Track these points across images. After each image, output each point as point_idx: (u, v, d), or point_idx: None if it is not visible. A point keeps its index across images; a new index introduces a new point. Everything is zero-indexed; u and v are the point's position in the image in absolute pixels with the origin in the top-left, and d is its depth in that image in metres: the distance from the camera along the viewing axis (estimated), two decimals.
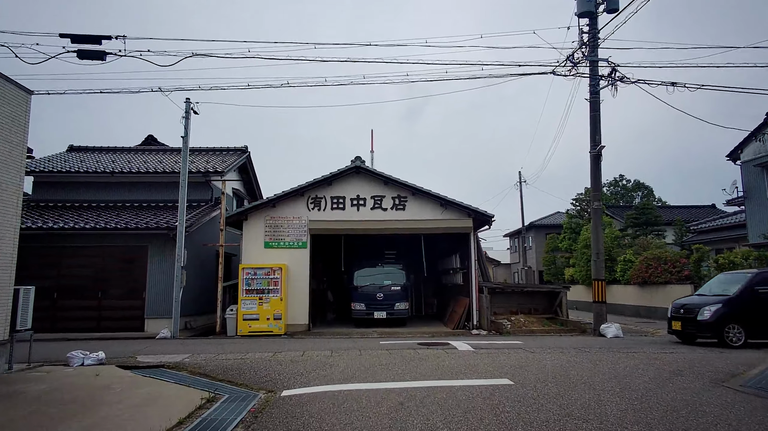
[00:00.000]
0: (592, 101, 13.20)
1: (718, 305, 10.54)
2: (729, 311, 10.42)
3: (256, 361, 8.57)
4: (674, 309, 11.45)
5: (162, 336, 12.96)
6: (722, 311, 10.42)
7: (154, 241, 14.42)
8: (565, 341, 11.55)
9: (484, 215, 14.78)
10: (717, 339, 10.39)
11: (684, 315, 11.02)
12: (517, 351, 9.54)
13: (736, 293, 10.63)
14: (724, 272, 12.42)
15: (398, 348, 10.05)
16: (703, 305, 10.67)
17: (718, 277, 12.06)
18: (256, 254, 14.71)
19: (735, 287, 10.75)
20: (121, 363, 8.48)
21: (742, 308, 10.41)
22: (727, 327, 10.31)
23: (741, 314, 10.38)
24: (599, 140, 13.13)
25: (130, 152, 20.31)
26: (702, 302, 10.88)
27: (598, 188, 13.09)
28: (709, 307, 10.55)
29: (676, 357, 8.64)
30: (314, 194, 15.08)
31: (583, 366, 7.73)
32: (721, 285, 11.27)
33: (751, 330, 10.36)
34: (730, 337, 10.28)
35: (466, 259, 15.36)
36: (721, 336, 10.29)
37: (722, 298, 10.80)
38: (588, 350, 9.63)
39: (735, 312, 10.40)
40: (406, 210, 15.03)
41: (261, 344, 11.33)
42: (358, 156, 15.03)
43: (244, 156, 20.27)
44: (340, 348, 10.21)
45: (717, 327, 10.33)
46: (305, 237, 14.88)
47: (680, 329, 11.13)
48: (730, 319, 10.34)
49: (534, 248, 42.11)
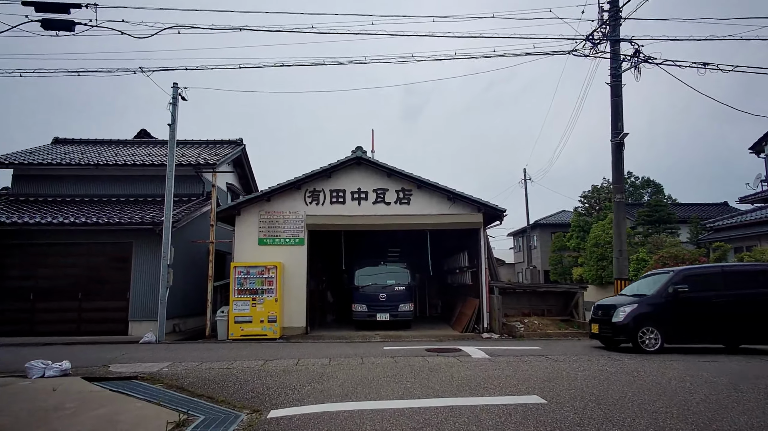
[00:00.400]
0: (614, 85, 12.15)
1: (633, 306, 9.51)
2: (644, 313, 9.38)
3: (244, 371, 7.51)
4: (594, 310, 10.43)
5: (146, 340, 11.91)
6: (637, 313, 9.40)
7: (140, 237, 13.36)
8: (586, 346, 10.48)
9: (495, 209, 13.71)
10: (632, 344, 9.37)
11: (601, 317, 10.00)
12: (538, 358, 8.48)
13: (653, 294, 9.59)
14: (654, 271, 11.33)
15: (404, 355, 9.00)
16: (619, 306, 9.66)
17: (647, 276, 10.98)
18: (249, 251, 13.66)
19: (657, 287, 9.76)
20: (90, 373, 7.43)
21: (659, 310, 9.38)
22: (642, 331, 9.27)
23: (658, 316, 9.35)
24: (621, 127, 12.07)
25: (119, 144, 19.25)
26: (620, 302, 9.85)
27: (620, 180, 12.03)
28: (624, 308, 9.52)
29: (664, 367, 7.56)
30: (312, 187, 14.02)
31: (621, 378, 6.67)
32: (648, 285, 10.17)
33: (668, 334, 9.33)
34: (645, 341, 9.24)
35: (475, 257, 14.29)
36: (635, 340, 9.26)
37: (638, 298, 9.77)
38: (618, 358, 8.57)
39: (651, 314, 9.38)
40: (411, 204, 13.97)
41: (252, 349, 10.28)
42: (359, 146, 13.97)
43: (239, 149, 19.21)
44: (340, 354, 9.16)
45: (631, 331, 9.29)
46: (302, 233, 13.83)
47: (597, 332, 10.12)
48: (646, 322, 9.31)
49: (539, 247, 41.09)
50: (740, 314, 9.38)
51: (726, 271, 9.91)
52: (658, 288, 9.63)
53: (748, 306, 9.40)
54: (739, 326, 9.40)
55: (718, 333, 9.48)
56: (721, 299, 9.41)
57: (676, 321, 9.33)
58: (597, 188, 35.35)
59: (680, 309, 9.35)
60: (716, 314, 9.34)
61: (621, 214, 12.04)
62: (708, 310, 9.35)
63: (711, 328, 9.40)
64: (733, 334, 9.49)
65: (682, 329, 9.36)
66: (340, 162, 13.83)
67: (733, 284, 9.55)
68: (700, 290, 9.52)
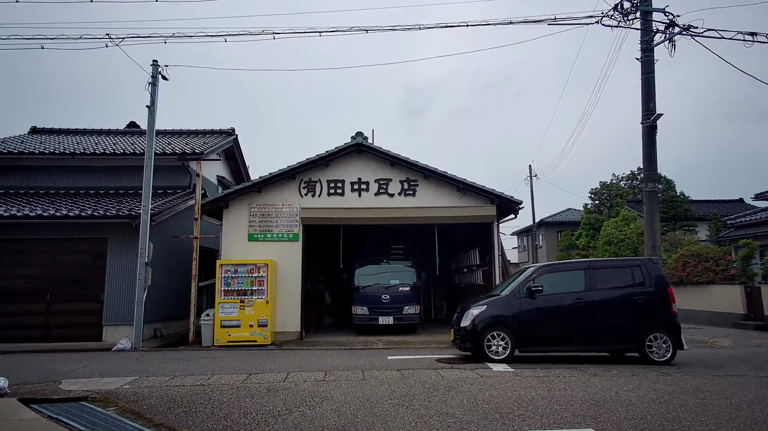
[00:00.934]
0: (645, 60, 10.82)
1: (482, 307, 8.28)
2: (494, 316, 8.20)
3: (220, 389, 6.19)
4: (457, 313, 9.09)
5: (119, 347, 10.59)
6: (485, 316, 8.17)
7: (116, 233, 12.04)
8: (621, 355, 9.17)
9: (510, 201, 12.39)
10: (478, 351, 8.12)
11: (456, 320, 8.74)
12: (571, 371, 7.17)
13: (507, 294, 8.39)
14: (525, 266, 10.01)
15: (413, 367, 7.68)
16: (471, 308, 8.45)
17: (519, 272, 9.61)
18: (238, 248, 12.36)
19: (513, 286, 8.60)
20: (31, 393, 6.11)
21: (511, 312, 8.15)
22: (491, 335, 8.01)
23: (509, 318, 8.12)
24: (654, 108, 10.74)
25: (101, 134, 17.93)
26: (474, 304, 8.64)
27: (652, 167, 10.70)
28: (473, 310, 8.29)
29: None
30: (308, 177, 12.70)
31: (686, 401, 5.35)
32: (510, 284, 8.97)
33: (521, 340, 8.08)
34: (492, 348, 8.00)
35: (487, 254, 12.98)
36: (481, 346, 8.03)
37: (490, 299, 8.61)
38: (667, 371, 7.25)
39: (502, 317, 8.18)
40: (417, 196, 12.65)
41: (237, 359, 8.96)
42: (359, 132, 12.66)
43: (230, 139, 17.90)
44: (337, 366, 7.83)
45: (477, 336, 8.06)
46: (297, 228, 12.52)
47: (453, 338, 8.86)
48: (495, 326, 8.12)
49: (545, 246, 39.86)
50: (604, 316, 8.19)
51: (593, 267, 8.63)
52: (512, 287, 8.45)
53: (613, 308, 8.25)
54: (602, 330, 8.18)
55: (579, 338, 8.22)
56: (583, 299, 8.19)
57: (531, 325, 8.11)
58: (606, 185, 34.08)
59: (536, 311, 8.14)
60: (576, 317, 8.14)
61: (654, 205, 10.71)
62: (568, 312, 8.15)
63: (570, 333, 8.19)
64: (595, 339, 8.24)
65: (538, 334, 8.13)
66: (338, 149, 12.51)
67: (599, 282, 8.38)
68: (560, 290, 8.38)
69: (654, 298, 8.26)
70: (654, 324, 8.16)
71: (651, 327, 8.14)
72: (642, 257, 9.10)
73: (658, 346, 8.08)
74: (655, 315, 8.20)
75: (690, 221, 24.53)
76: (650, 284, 8.36)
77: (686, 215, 24.50)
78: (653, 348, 8.07)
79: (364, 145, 12.52)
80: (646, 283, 8.37)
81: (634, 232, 24.04)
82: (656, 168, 10.75)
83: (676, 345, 8.13)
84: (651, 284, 8.35)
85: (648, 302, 8.23)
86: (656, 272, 8.53)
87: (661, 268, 8.80)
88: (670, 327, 8.17)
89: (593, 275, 8.45)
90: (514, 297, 8.30)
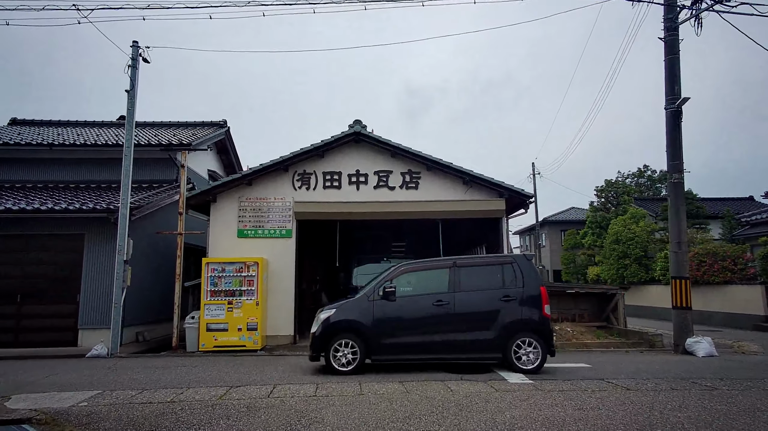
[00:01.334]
0: (669, 40, 9.92)
1: (331, 311, 7.41)
2: (343, 320, 7.32)
3: (191, 407, 5.26)
4: None
5: (94, 353, 9.66)
6: (333, 321, 7.31)
7: (93, 229, 11.13)
8: (648, 363, 8.26)
9: (520, 194, 11.47)
10: (326, 361, 7.25)
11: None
12: (599, 384, 6.25)
13: (360, 296, 7.54)
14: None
15: (417, 378, 6.76)
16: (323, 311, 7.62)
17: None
18: (226, 245, 11.43)
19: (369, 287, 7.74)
20: None
21: (363, 316, 7.31)
22: (338, 343, 7.21)
23: (360, 324, 7.27)
24: (679, 92, 9.84)
25: (86, 125, 16.99)
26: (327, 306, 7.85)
27: (678, 156, 9.78)
28: (322, 314, 7.44)
29: None
30: (302, 169, 11.78)
31: (749, 425, 4.43)
32: None
33: (372, 347, 7.23)
34: (339, 357, 7.18)
35: (495, 252, 12.04)
36: (328, 355, 7.20)
37: (342, 302, 7.82)
38: (711, 387, 6.32)
39: (353, 322, 7.31)
40: (420, 189, 11.72)
41: (221, 367, 8.02)
42: (357, 120, 11.74)
43: (222, 131, 16.98)
44: (332, 379, 6.90)
45: (326, 343, 7.23)
46: (290, 224, 11.60)
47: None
48: (344, 331, 7.27)
49: (548, 245, 39.01)
50: (468, 320, 7.29)
51: (459, 265, 7.67)
52: (367, 289, 7.57)
53: (478, 310, 7.36)
54: (465, 335, 7.26)
55: (439, 344, 7.27)
56: (444, 301, 7.32)
57: (384, 331, 7.24)
58: (611, 183, 33.18)
59: (390, 315, 7.28)
60: (436, 321, 7.27)
61: (680, 198, 9.82)
62: (427, 315, 7.29)
63: (429, 338, 7.27)
64: (457, 345, 7.28)
65: (391, 340, 7.24)
66: (334, 139, 11.58)
67: (465, 281, 7.52)
68: (420, 290, 7.57)
69: (525, 299, 7.35)
70: (522, 328, 7.25)
71: (519, 332, 7.24)
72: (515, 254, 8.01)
73: (526, 353, 7.17)
74: (524, 318, 7.28)
75: (702, 218, 23.63)
76: (522, 283, 7.45)
77: (698, 212, 23.57)
78: (520, 354, 7.16)
79: (362, 134, 11.60)
80: (517, 282, 7.47)
81: (643, 230, 23.18)
82: (682, 157, 9.84)
83: (547, 351, 7.23)
84: (522, 284, 7.45)
85: (517, 303, 7.32)
86: (529, 271, 7.58)
87: (535, 266, 7.81)
88: (541, 332, 7.26)
89: (459, 274, 7.55)
90: (367, 300, 7.39)
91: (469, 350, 7.32)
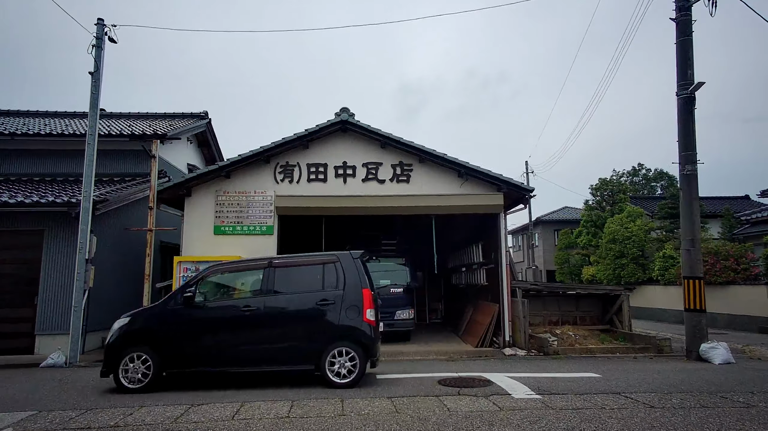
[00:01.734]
0: (681, 20, 9.18)
1: (126, 319, 6.64)
2: (135, 330, 6.53)
3: None
4: None
5: (49, 362, 8.68)
6: (126, 331, 6.51)
7: (54, 225, 10.16)
8: (662, 373, 7.47)
9: (520, 188, 10.68)
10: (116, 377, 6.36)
11: None
12: (617, 400, 5.45)
13: (160, 302, 6.79)
14: None
15: (409, 393, 5.91)
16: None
17: None
18: (202, 242, 10.51)
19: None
20: None
21: (159, 325, 6.54)
22: (129, 357, 6.34)
23: (156, 333, 6.49)
24: (692, 77, 9.10)
25: (56, 116, 15.91)
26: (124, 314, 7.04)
27: (691, 146, 9.03)
28: (116, 323, 6.66)
29: None
30: (284, 161, 10.89)
31: None
32: None
33: (167, 359, 6.41)
34: (129, 374, 6.29)
35: (492, 250, 11.25)
36: (116, 370, 6.32)
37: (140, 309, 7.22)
38: (746, 404, 5.54)
39: (146, 330, 6.52)
40: (411, 183, 10.88)
41: (184, 379, 7.09)
42: (344, 108, 10.86)
43: (203, 123, 16.02)
44: (310, 391, 6.03)
45: (117, 357, 6.35)
46: (272, 220, 10.70)
47: None
48: (137, 343, 6.42)
49: (541, 245, 38.49)
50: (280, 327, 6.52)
51: (276, 266, 6.86)
52: (170, 294, 6.83)
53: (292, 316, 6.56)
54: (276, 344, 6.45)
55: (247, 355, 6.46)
56: (253, 306, 6.52)
57: (184, 341, 6.46)
58: (606, 181, 32.64)
59: (192, 323, 6.51)
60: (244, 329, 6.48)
61: (693, 191, 9.07)
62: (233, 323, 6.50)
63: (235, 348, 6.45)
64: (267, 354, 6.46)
65: (191, 351, 6.45)
66: (320, 128, 10.70)
67: (282, 284, 6.72)
68: (229, 295, 6.92)
69: (344, 303, 6.54)
70: (340, 336, 6.45)
71: (336, 340, 6.43)
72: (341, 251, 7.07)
73: (342, 364, 6.34)
74: (342, 325, 6.47)
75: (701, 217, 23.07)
76: (343, 285, 6.65)
77: None
78: (335, 366, 6.34)
79: (350, 122, 10.73)
80: (338, 284, 6.66)
81: (640, 229, 22.59)
82: (695, 147, 9.08)
83: (366, 362, 6.42)
84: (343, 286, 6.64)
85: (336, 308, 6.52)
86: (353, 271, 6.74)
87: (361, 265, 6.84)
88: (360, 340, 6.44)
89: (274, 275, 6.74)
90: (167, 306, 6.60)
91: (280, 361, 6.44)
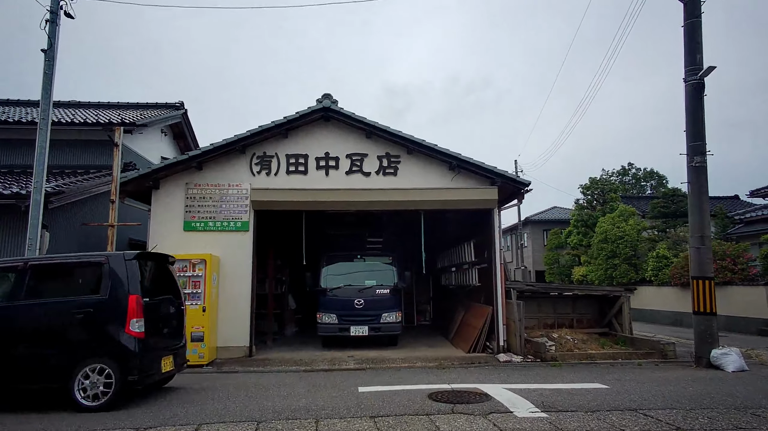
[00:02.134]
0: (689, 0, 8.54)
1: None
2: None
3: None
4: None
5: None
6: None
7: (4, 220, 9.18)
8: (675, 383, 6.79)
9: (515, 181, 9.97)
10: None
11: None
12: (635, 418, 4.73)
13: None
14: None
15: (394, 410, 5.12)
16: None
17: None
18: (170, 239, 9.58)
19: None
20: None
21: None
22: None
23: None
24: (701, 62, 8.46)
25: (18, 104, 14.84)
26: None
27: (700, 135, 8.39)
28: None
29: None
30: (261, 151, 10.04)
31: None
32: None
33: None
34: None
35: (486, 248, 10.52)
36: None
37: None
38: None
39: None
40: (399, 175, 10.10)
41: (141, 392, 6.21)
42: (327, 94, 10.05)
43: (178, 114, 15.08)
44: (280, 410, 5.21)
45: None
46: (247, 215, 9.84)
47: None
48: None
49: (530, 246, 38.03)
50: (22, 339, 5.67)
51: (32, 268, 5.99)
52: None
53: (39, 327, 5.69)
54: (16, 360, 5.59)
55: None
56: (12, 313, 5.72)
57: None
58: (596, 180, 32.27)
59: None
60: None
61: (703, 185, 8.43)
62: None
63: None
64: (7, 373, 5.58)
65: None
66: (300, 115, 9.86)
67: (36, 289, 5.91)
68: None
69: (104, 312, 5.67)
70: (94, 351, 5.58)
71: (89, 355, 5.55)
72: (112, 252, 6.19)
73: (93, 383, 5.42)
74: (98, 337, 5.63)
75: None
76: (107, 291, 5.75)
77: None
78: (86, 385, 5.42)
79: (332, 110, 9.91)
80: (103, 290, 5.77)
81: (633, 228, 22.12)
82: (704, 137, 8.44)
83: (124, 381, 5.46)
84: (108, 293, 5.74)
85: (93, 318, 5.64)
86: (123, 275, 5.78)
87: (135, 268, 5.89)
88: (118, 355, 5.52)
89: (29, 278, 5.88)
90: None
91: (26, 379, 5.60)
